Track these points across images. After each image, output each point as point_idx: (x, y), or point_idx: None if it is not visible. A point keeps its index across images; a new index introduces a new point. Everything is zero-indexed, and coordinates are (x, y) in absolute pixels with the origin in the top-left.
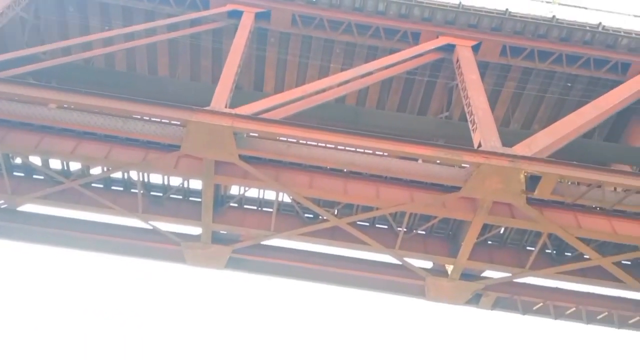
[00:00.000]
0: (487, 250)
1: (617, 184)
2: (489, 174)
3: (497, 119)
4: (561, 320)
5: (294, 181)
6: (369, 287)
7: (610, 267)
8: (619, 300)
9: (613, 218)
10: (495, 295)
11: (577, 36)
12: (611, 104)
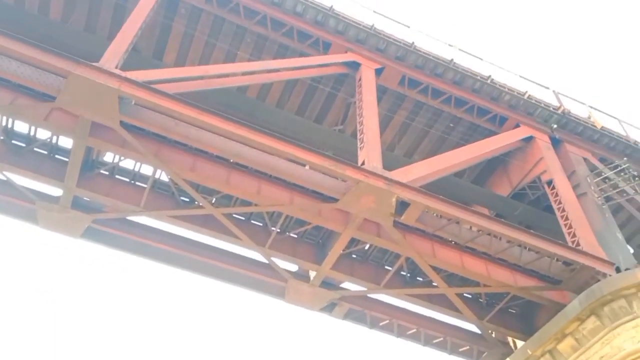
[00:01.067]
0: (350, 263)
1: (473, 224)
2: (366, 192)
3: (384, 142)
4: (402, 339)
5: (175, 161)
6: (231, 280)
7: (454, 297)
8: (454, 329)
9: (464, 253)
10: (348, 307)
11: (469, 83)
12: (484, 151)
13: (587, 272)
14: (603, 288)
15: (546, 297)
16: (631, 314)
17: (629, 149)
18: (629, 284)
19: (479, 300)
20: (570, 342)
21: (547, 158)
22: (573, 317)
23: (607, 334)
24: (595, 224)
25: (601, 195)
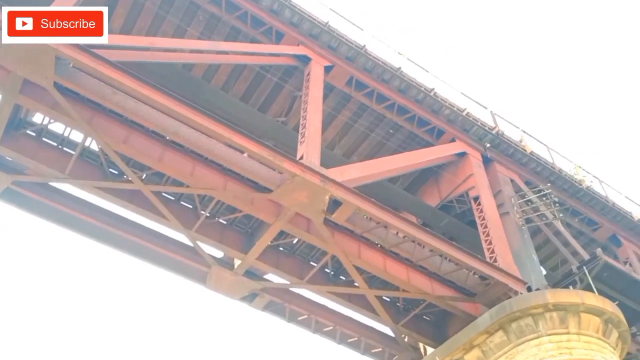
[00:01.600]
0: (276, 255)
1: (400, 229)
2: (301, 186)
3: (325, 140)
4: (318, 335)
5: (108, 131)
6: (153, 260)
7: (373, 299)
8: (369, 330)
9: (388, 257)
10: (269, 299)
11: (412, 93)
12: (419, 161)
13: (501, 288)
14: (513, 305)
15: (460, 308)
16: (536, 332)
17: (553, 176)
18: (538, 304)
19: (396, 304)
20: (477, 354)
21: (476, 175)
22: (482, 329)
23: (511, 349)
24: (514, 243)
25: (522, 216)
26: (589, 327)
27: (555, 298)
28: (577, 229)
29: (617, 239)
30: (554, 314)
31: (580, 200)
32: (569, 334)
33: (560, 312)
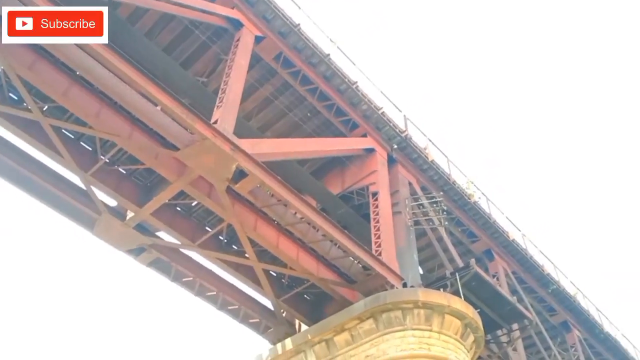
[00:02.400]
0: (172, 214)
1: (298, 210)
2: (209, 150)
3: (242, 110)
4: (199, 298)
5: (15, 53)
6: (42, 197)
7: (260, 272)
8: (250, 300)
9: (281, 234)
10: (157, 256)
11: (336, 82)
12: (330, 148)
13: (379, 280)
14: (387, 297)
15: (339, 292)
16: (403, 325)
17: (447, 186)
18: (409, 300)
19: (281, 280)
20: (346, 337)
21: (379, 172)
22: (355, 315)
23: (377, 337)
24: (400, 241)
25: (412, 218)
26: (449, 328)
27: (426, 297)
28: (458, 238)
29: (491, 253)
30: (421, 311)
31: (466, 212)
32: (431, 331)
33: (427, 311)
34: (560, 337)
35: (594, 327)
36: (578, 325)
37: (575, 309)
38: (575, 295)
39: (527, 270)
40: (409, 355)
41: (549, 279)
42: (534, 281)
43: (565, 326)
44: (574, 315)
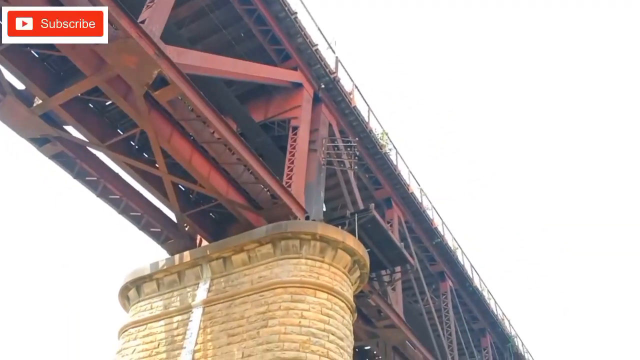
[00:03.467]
0: (84, 109)
1: (217, 130)
2: (132, 51)
3: (175, 17)
4: (102, 199)
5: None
6: None
7: (168, 184)
8: (154, 210)
9: (196, 151)
10: (62, 149)
11: (276, 8)
12: (259, 74)
13: (285, 210)
14: (289, 226)
15: (244, 216)
16: (298, 253)
17: (363, 134)
18: (308, 232)
19: (189, 195)
20: (243, 257)
21: (303, 108)
22: (255, 238)
23: (273, 261)
24: (310, 177)
25: (326, 157)
26: (340, 262)
27: (324, 231)
28: (364, 183)
29: (390, 202)
30: (317, 244)
31: (375, 161)
32: (322, 262)
33: (323, 244)
34: (435, 285)
35: (465, 281)
36: (452, 276)
37: (453, 262)
38: (455, 250)
39: (418, 221)
40: (299, 280)
41: (435, 232)
42: (422, 232)
43: (441, 276)
44: (450, 267)
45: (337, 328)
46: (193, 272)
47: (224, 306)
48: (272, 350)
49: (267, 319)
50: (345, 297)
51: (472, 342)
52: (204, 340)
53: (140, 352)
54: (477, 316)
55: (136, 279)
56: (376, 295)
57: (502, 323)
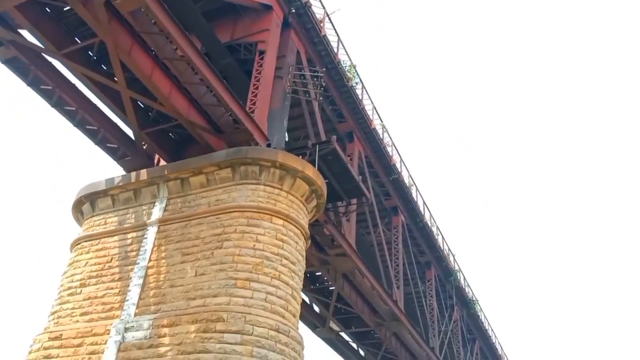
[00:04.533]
0: (39, 14)
1: (180, 47)
2: None
3: None
4: (57, 110)
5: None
6: None
7: (127, 99)
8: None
9: (157, 67)
10: (16, 54)
11: None
12: None
13: (246, 136)
14: (249, 152)
15: (204, 139)
16: (257, 180)
17: (331, 65)
18: (268, 159)
19: (148, 112)
20: (202, 179)
21: (272, 32)
22: (215, 162)
23: (231, 186)
24: (274, 104)
25: (291, 86)
26: (298, 190)
27: (284, 159)
28: (328, 116)
29: (352, 136)
30: (277, 171)
31: (341, 94)
32: (281, 190)
33: (282, 172)
34: (388, 219)
35: (417, 216)
36: (405, 212)
37: (407, 198)
38: (410, 187)
39: (377, 157)
40: (256, 206)
41: (392, 168)
42: (380, 168)
43: (395, 211)
44: (404, 203)
45: (290, 253)
46: (149, 191)
47: (180, 226)
48: (226, 271)
49: (222, 240)
50: (300, 225)
51: (417, 274)
52: (157, 258)
53: (93, 266)
54: (425, 250)
55: (91, 194)
56: (331, 225)
57: (447, 258)
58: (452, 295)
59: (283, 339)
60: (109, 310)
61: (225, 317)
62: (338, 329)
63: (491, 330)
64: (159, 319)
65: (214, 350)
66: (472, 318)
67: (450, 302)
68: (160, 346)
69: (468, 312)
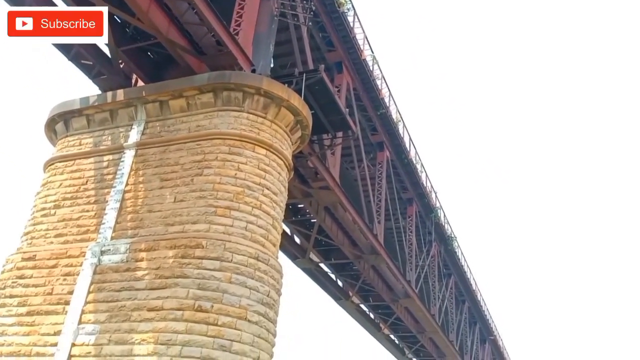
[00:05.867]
0: None
1: None
2: None
3: None
4: None
5: None
6: None
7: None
8: None
9: None
10: None
11: None
12: None
13: (229, 59)
14: (232, 77)
15: (185, 60)
16: (240, 107)
17: None
18: (253, 85)
19: (125, 28)
20: (182, 103)
21: None
22: (196, 85)
23: (213, 112)
24: (260, 28)
25: (279, 9)
26: (282, 120)
27: (269, 86)
28: (317, 43)
29: (341, 66)
30: (261, 99)
31: (331, 21)
32: (265, 118)
33: (266, 99)
34: (373, 154)
35: (402, 153)
36: (390, 147)
37: (393, 134)
38: (398, 123)
39: (366, 90)
40: (238, 134)
41: (380, 102)
42: (368, 101)
43: (380, 146)
44: (390, 138)
45: (273, 183)
46: (126, 113)
47: (158, 151)
48: (206, 198)
49: (203, 167)
50: (283, 155)
51: (399, 209)
52: (135, 182)
53: (67, 187)
54: (408, 187)
55: (64, 113)
56: (315, 158)
57: (429, 195)
58: (431, 232)
59: (262, 267)
60: (84, 233)
61: (205, 244)
62: (318, 260)
63: (467, 266)
64: (136, 243)
65: (192, 275)
66: (449, 254)
67: (429, 238)
68: (138, 270)
69: (446, 248)
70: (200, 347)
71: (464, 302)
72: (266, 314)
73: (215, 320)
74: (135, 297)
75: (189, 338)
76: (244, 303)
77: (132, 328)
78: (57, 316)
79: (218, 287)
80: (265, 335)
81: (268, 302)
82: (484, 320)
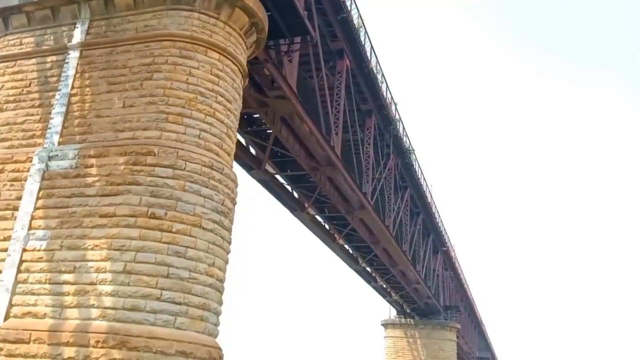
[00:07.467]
0: None
1: None
2: None
3: None
4: None
5: None
6: None
7: None
8: None
9: None
10: None
11: None
12: None
13: None
14: None
15: None
16: (191, 6)
17: None
18: None
19: None
20: (128, 1)
21: None
22: None
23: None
24: None
25: None
26: (236, 22)
27: None
28: None
29: None
30: None
31: None
32: (217, 20)
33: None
34: (332, 63)
35: (362, 62)
36: (351, 55)
37: (354, 41)
38: (359, 29)
39: None
40: (189, 35)
41: (342, 6)
42: (329, 4)
43: (340, 54)
44: (351, 46)
45: (226, 90)
46: (69, 10)
47: (105, 52)
48: (156, 104)
49: (152, 71)
50: (238, 60)
51: (357, 121)
52: (81, 85)
53: (10, 90)
54: (367, 98)
55: (3, 9)
56: (271, 65)
57: (389, 107)
58: (389, 144)
59: (217, 176)
60: (30, 138)
61: (157, 151)
62: (273, 172)
63: (424, 179)
64: (85, 149)
65: (145, 182)
66: (406, 167)
67: (387, 151)
68: (88, 176)
69: (403, 161)
70: (154, 252)
71: (419, 214)
72: (221, 222)
73: (170, 227)
74: (86, 203)
75: (142, 244)
76: (198, 211)
77: (85, 234)
78: (5, 222)
79: (172, 195)
80: (220, 242)
81: (223, 211)
82: (438, 231)
